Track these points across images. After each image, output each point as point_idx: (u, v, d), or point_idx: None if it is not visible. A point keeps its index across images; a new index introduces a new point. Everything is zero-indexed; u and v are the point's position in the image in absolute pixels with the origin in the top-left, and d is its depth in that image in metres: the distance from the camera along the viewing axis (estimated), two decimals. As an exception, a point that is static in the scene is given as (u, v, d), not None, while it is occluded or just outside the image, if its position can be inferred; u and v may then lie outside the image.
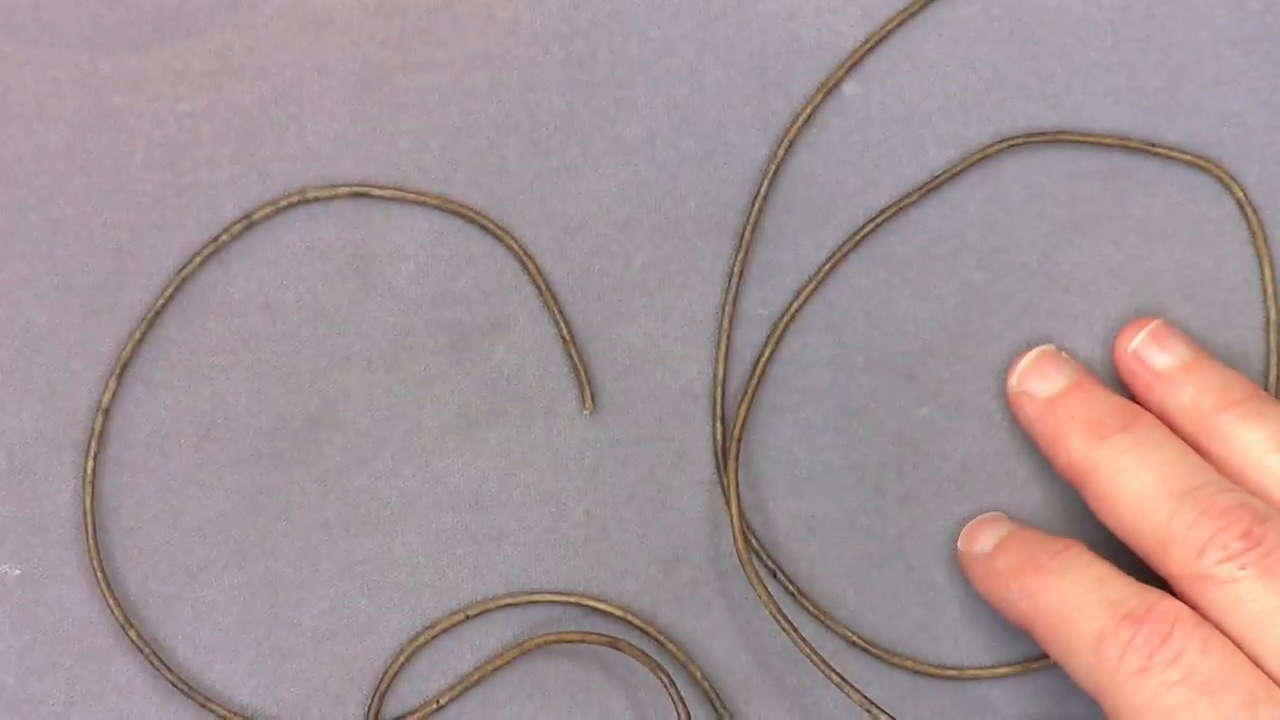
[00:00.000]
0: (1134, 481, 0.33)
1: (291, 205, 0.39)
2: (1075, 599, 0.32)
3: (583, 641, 0.37)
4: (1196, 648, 0.31)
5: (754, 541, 0.38)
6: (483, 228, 0.39)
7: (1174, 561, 0.32)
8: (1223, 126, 0.39)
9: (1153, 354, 0.36)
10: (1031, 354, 0.37)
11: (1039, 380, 0.37)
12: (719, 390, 0.38)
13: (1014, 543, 0.35)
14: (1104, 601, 0.32)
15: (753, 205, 0.39)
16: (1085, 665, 0.32)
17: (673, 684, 0.36)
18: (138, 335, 0.38)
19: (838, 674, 0.35)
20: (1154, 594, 0.32)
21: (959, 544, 0.37)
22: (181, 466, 0.38)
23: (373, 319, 0.39)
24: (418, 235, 0.39)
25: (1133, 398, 0.36)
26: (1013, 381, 0.37)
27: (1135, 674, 0.31)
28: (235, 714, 0.37)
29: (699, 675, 0.37)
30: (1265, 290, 0.38)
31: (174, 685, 0.37)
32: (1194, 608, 0.32)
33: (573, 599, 0.37)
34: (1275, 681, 0.30)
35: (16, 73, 0.39)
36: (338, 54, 0.39)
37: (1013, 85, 0.39)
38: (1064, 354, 0.37)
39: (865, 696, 0.35)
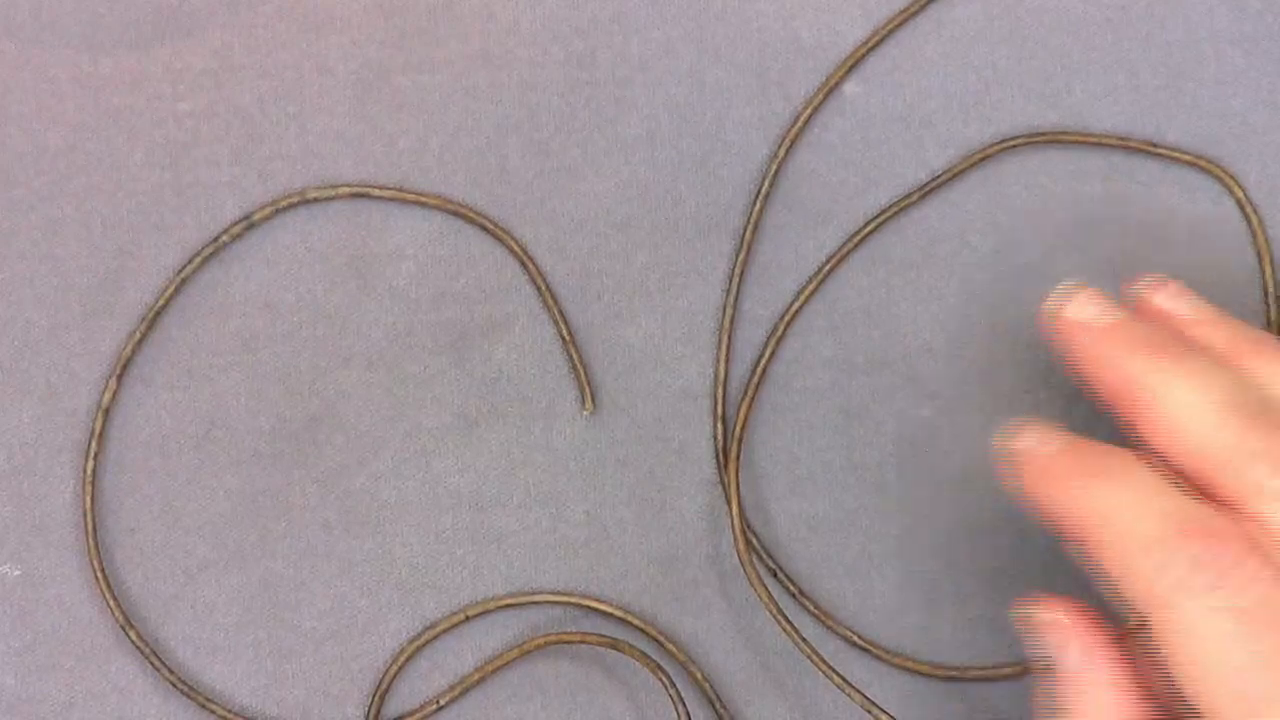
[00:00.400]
0: (1204, 397, 0.31)
1: (291, 205, 0.39)
2: (1133, 505, 0.30)
3: (583, 642, 0.36)
4: (1270, 575, 0.29)
5: (754, 541, 0.38)
6: (483, 228, 0.39)
7: (1245, 477, 0.30)
8: (1223, 126, 0.39)
9: (1180, 305, 0.35)
10: (1074, 288, 0.35)
11: (1090, 308, 0.35)
12: (719, 390, 0.38)
13: (1068, 446, 0.33)
14: (1162, 511, 0.30)
15: (753, 205, 0.39)
16: (1138, 574, 0.30)
17: (673, 684, 0.36)
18: (138, 335, 0.38)
19: (838, 675, 0.35)
20: (1214, 510, 0.30)
21: (1007, 443, 0.34)
22: (181, 466, 0.38)
23: (373, 319, 0.38)
24: (418, 235, 0.39)
25: None
26: (1059, 308, 0.35)
27: (1194, 591, 0.29)
28: (235, 714, 0.37)
29: (699, 675, 0.37)
30: (1265, 290, 0.38)
31: (174, 686, 0.37)
32: (1255, 525, 0.30)
33: (573, 599, 0.37)
34: None
35: (16, 73, 0.39)
36: (338, 54, 0.39)
37: (1013, 85, 0.39)
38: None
39: (866, 697, 0.35)
